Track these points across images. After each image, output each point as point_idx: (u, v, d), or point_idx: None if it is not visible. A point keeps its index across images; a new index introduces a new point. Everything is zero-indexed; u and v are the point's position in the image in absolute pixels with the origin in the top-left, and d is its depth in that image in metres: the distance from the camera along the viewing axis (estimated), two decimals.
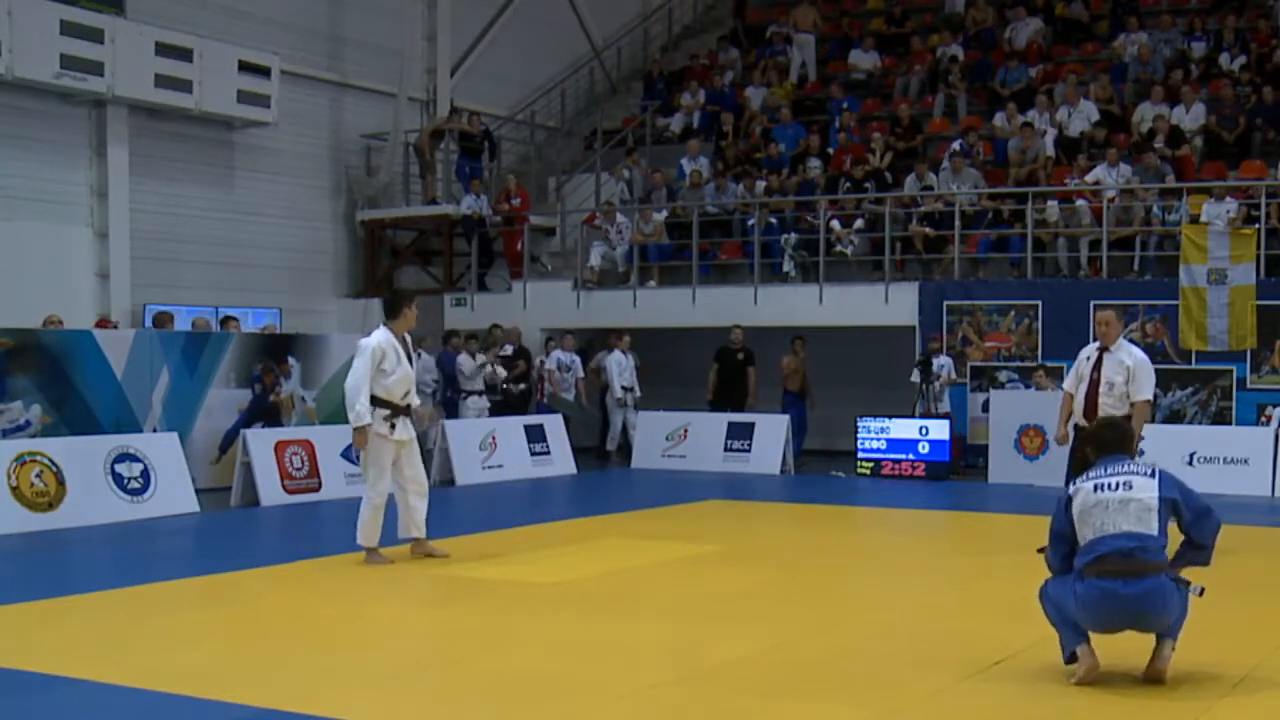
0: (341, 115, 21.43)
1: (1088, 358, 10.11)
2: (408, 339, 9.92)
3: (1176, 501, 6.23)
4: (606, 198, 21.17)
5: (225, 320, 16.97)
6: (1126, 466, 6.35)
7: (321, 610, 8.22)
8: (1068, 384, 10.40)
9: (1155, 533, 6.13)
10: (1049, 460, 14.34)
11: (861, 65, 22.85)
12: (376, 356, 9.57)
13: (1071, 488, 6.35)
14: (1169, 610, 6.15)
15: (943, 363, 16.69)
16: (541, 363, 18.56)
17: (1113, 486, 6.20)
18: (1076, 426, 10.13)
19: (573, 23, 25.64)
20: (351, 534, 11.99)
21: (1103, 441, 6.63)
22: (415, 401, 9.93)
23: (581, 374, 18.48)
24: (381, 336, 9.66)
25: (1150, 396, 10.04)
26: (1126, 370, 9.91)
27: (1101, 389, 9.87)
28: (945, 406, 16.60)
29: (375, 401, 9.57)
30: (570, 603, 8.46)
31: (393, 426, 9.65)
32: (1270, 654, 6.93)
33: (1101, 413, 9.76)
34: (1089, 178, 17.40)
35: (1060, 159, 18.50)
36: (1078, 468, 9.74)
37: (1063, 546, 6.38)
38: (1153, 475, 6.28)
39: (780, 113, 21.67)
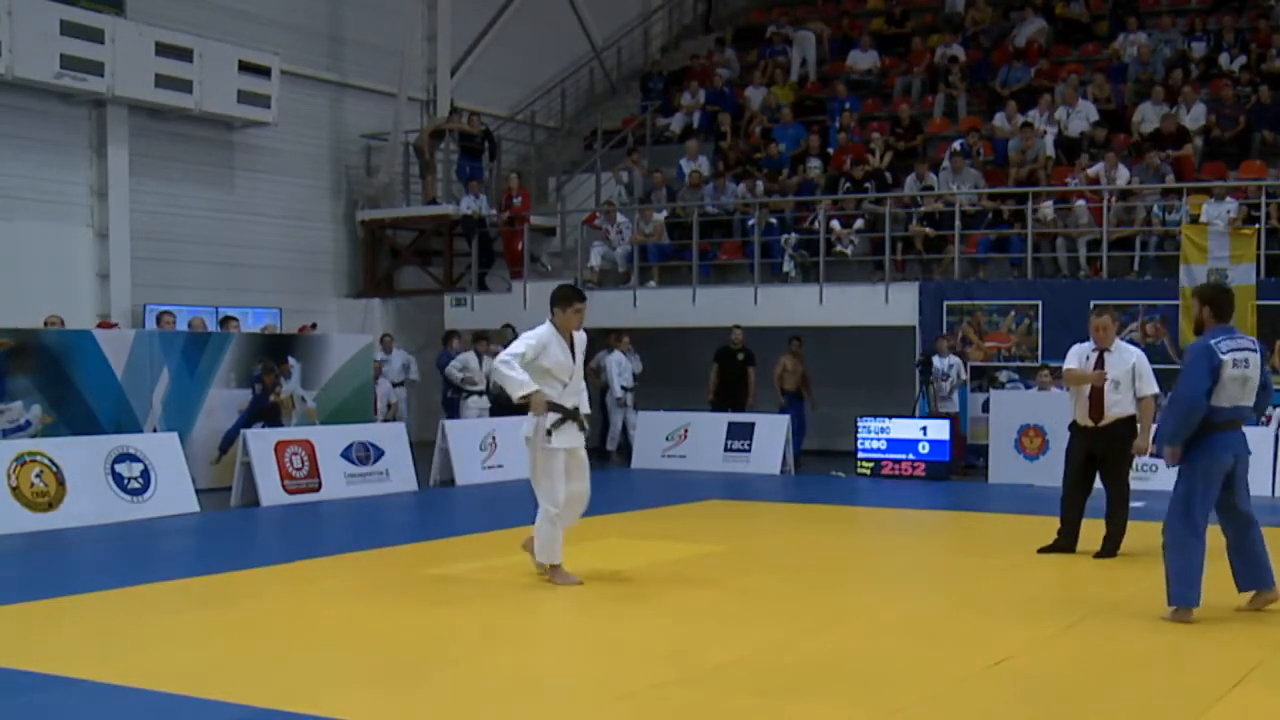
0: (341, 115, 21.44)
1: (1086, 356, 10.05)
2: (576, 340, 8.91)
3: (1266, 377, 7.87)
4: (607, 198, 21.17)
5: (225, 320, 16.97)
6: (1243, 343, 7.71)
7: (321, 610, 8.21)
8: (1071, 364, 10.10)
9: (1252, 402, 7.83)
10: (1049, 460, 14.31)
11: (861, 65, 22.85)
12: (537, 348, 8.65)
13: (1218, 358, 7.47)
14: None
15: (951, 362, 16.62)
16: None
17: (1243, 363, 7.59)
18: (1076, 426, 10.08)
19: (573, 23, 25.66)
20: (351, 533, 12.05)
21: (1221, 307, 7.76)
22: (585, 408, 8.98)
23: None
24: (544, 331, 8.77)
25: (1157, 391, 10.10)
26: (1132, 369, 9.93)
27: (1107, 388, 9.84)
28: (954, 407, 16.54)
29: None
30: (570, 603, 8.45)
31: (549, 433, 8.71)
32: (1270, 654, 6.93)
33: (1110, 411, 9.83)
34: (1093, 170, 17.39)
35: (1060, 159, 18.50)
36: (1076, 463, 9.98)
37: (1199, 410, 7.52)
38: (1257, 351, 7.76)
39: (780, 113, 21.67)
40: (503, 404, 17.79)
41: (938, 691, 6.20)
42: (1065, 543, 10.06)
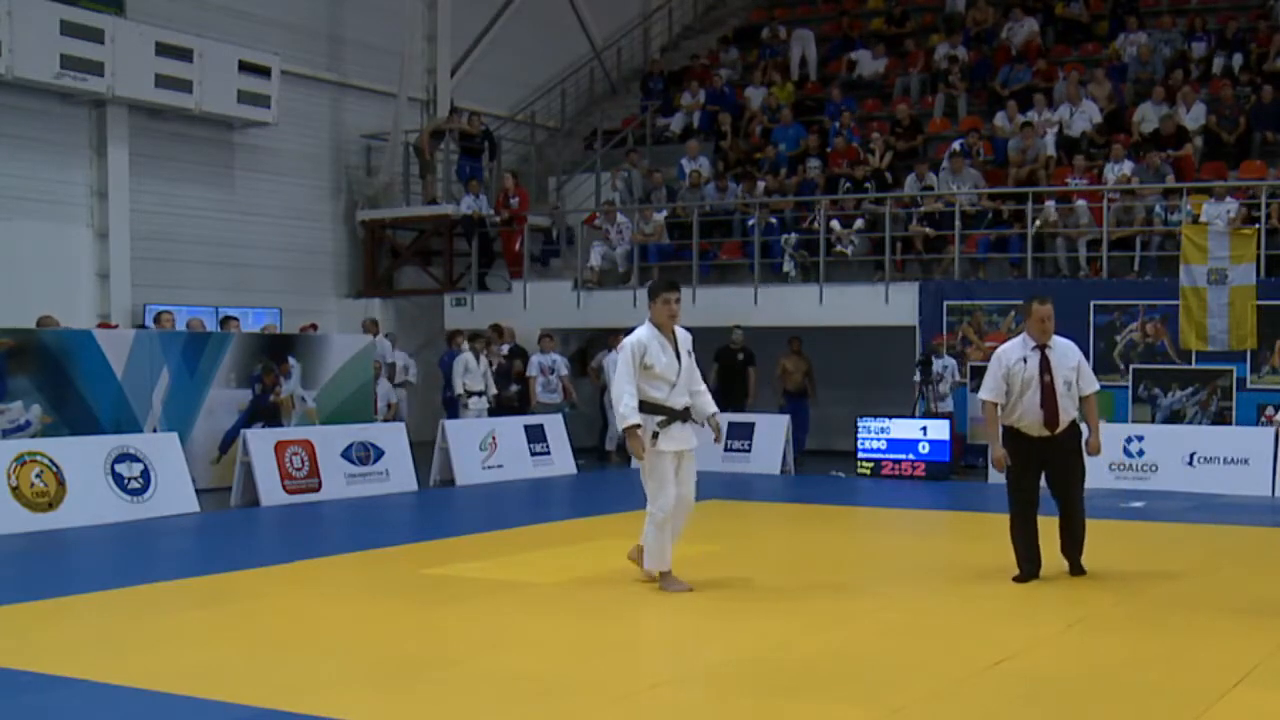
0: (341, 115, 21.44)
1: (1023, 359, 8.87)
2: (680, 337, 8.68)
3: None
4: (606, 198, 21.17)
5: (225, 320, 16.96)
6: None
7: (321, 610, 8.22)
8: (993, 393, 8.93)
9: None
10: None
11: (865, 66, 22.86)
12: (637, 353, 8.42)
13: None
14: None
15: (946, 364, 16.65)
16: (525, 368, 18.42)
17: None
18: (1022, 437, 8.94)
19: (573, 23, 25.66)
20: (351, 533, 12.05)
21: None
22: (709, 409, 8.77)
23: (565, 372, 18.37)
24: (643, 331, 8.52)
25: (1099, 386, 9.27)
26: (1078, 366, 8.96)
27: (1060, 389, 8.81)
28: (949, 407, 16.57)
29: (641, 406, 8.41)
30: (570, 603, 8.45)
31: (655, 435, 8.46)
32: (1270, 654, 6.93)
33: (1063, 415, 8.83)
34: (1114, 171, 17.33)
35: (1060, 159, 18.50)
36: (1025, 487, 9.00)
37: None
38: None
39: (780, 113, 21.67)
40: (503, 404, 17.85)
41: (938, 691, 6.20)
42: (1034, 569, 9.05)
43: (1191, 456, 14.91)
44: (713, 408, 8.85)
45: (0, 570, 9.82)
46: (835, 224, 18.40)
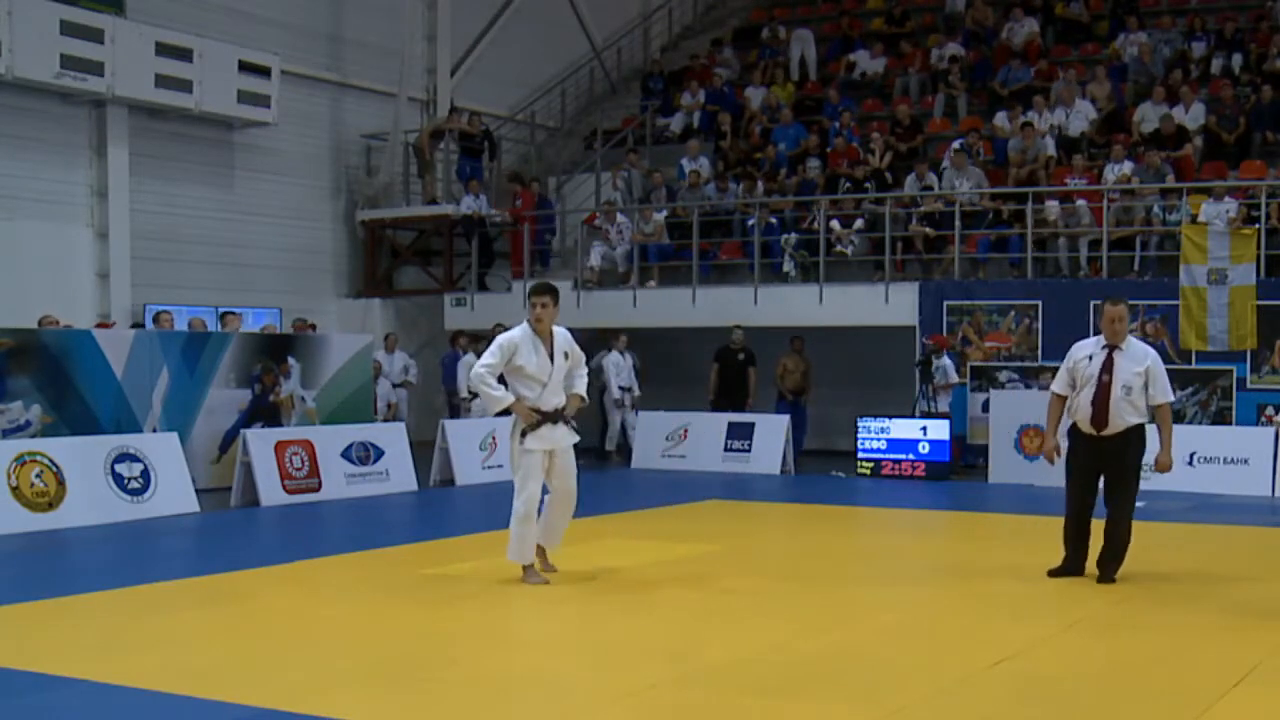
0: (341, 115, 21.44)
1: (1089, 356, 8.92)
2: (556, 338, 8.80)
3: None
4: (606, 198, 21.17)
5: (224, 316, 16.96)
6: None
7: (321, 610, 8.22)
8: (1059, 386, 9.12)
9: None
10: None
11: (862, 66, 22.86)
12: (507, 351, 8.64)
13: None
14: None
15: (939, 364, 16.62)
16: None
17: None
18: (1078, 432, 9.00)
19: (573, 23, 25.66)
20: (351, 533, 12.05)
21: None
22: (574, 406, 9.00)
23: None
24: (516, 331, 8.74)
25: (1173, 398, 9.11)
26: (1146, 371, 8.80)
27: (1117, 392, 8.73)
28: (943, 408, 16.56)
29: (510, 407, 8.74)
30: (570, 603, 8.45)
31: (523, 435, 8.76)
32: (1270, 654, 6.93)
33: (1116, 419, 8.75)
34: (1114, 172, 17.33)
35: (1060, 159, 18.50)
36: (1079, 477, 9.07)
37: None
38: None
39: (780, 113, 21.67)
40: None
41: (938, 691, 6.20)
42: (1074, 565, 9.08)
43: (1191, 456, 14.89)
44: (578, 388, 9.05)
45: (0, 570, 9.82)
46: (835, 224, 18.40)
